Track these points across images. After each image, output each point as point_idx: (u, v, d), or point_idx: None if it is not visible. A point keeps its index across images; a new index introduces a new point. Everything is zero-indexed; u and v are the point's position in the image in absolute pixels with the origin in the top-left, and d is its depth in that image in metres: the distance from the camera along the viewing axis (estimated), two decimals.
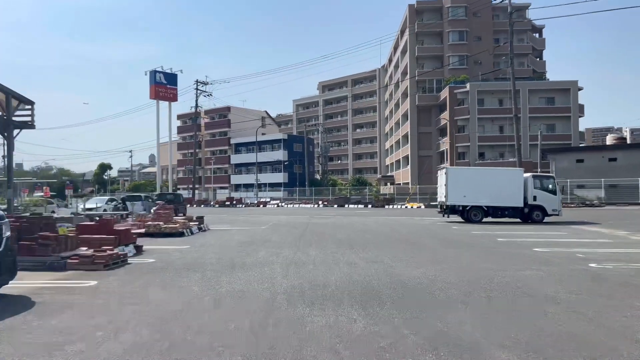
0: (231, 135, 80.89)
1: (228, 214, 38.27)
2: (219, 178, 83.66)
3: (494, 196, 21.75)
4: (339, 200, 46.49)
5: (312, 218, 29.35)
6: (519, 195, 21.62)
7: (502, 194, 21.69)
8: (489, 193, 21.82)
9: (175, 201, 36.46)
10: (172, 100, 62.01)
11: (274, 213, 38.32)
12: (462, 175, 22.59)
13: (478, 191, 21.93)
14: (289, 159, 73.03)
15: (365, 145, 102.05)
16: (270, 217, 31.70)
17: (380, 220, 26.02)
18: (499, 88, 58.73)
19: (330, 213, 36.33)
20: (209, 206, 56.27)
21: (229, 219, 29.20)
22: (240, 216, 33.20)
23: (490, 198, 21.80)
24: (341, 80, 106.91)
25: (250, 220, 26.89)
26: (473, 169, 24.48)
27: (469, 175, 22.50)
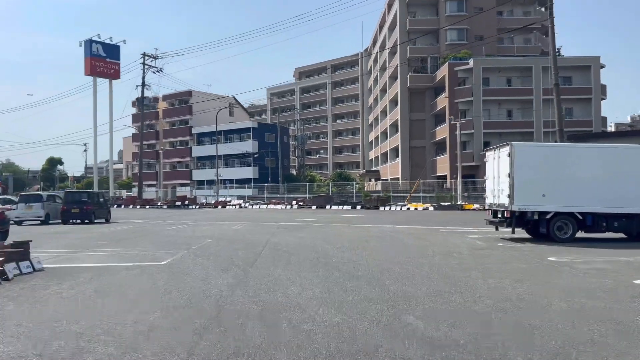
0: (193, 124, 70.25)
1: (165, 219, 28.09)
2: (179, 173, 72.99)
3: (605, 195, 12.17)
4: (319, 199, 36.68)
5: (278, 228, 19.46)
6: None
7: (621, 191, 12.11)
8: (594, 189, 12.22)
9: (90, 202, 26.14)
10: (114, 78, 51.34)
11: (229, 218, 28.29)
12: (542, 157, 12.77)
13: (571, 186, 12.29)
14: (259, 150, 62.84)
15: (346, 138, 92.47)
16: (218, 226, 21.70)
17: (388, 235, 16.24)
18: (508, 65, 49.62)
19: (308, 218, 26.46)
20: (155, 207, 45.85)
21: (145, 231, 19.06)
22: (175, 224, 23.07)
23: (597, 198, 12.17)
24: (319, 66, 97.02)
25: (173, 237, 16.83)
26: (565, 147, 13.39)
27: (557, 158, 12.57)
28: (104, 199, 28.54)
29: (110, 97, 52.08)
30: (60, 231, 19.62)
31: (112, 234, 18.37)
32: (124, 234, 18.28)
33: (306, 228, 19.24)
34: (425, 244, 12.71)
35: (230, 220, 26.15)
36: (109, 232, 19.27)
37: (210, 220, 26.11)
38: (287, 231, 18.01)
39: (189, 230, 19.27)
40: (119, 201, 49.13)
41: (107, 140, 52.52)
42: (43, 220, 26.02)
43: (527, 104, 49.23)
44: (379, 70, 71.32)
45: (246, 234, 16.77)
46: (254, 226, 20.98)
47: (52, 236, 17.26)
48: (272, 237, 15.55)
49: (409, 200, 34.63)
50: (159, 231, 19.18)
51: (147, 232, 19.02)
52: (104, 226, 23.27)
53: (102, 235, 17.30)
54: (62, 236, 17.29)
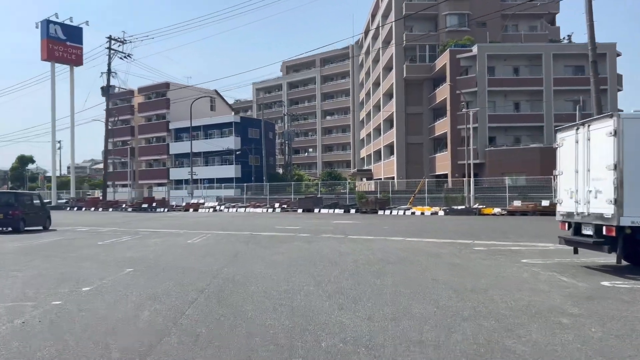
0: (171, 118, 64.82)
1: (118, 225, 22.93)
2: (155, 172, 67.51)
3: None
4: (307, 201, 31.55)
5: (248, 244, 14.43)
6: None
7: None
8: None
9: (18, 206, 20.94)
10: (76, 64, 45.77)
11: (194, 225, 23.19)
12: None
13: None
14: (242, 147, 57.60)
15: (336, 135, 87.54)
16: (172, 238, 16.65)
17: (401, 258, 11.29)
18: (515, 52, 44.98)
19: (290, 225, 21.42)
20: (119, 210, 40.48)
21: (68, 247, 13.92)
22: (120, 235, 17.98)
23: None
24: (308, 59, 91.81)
25: (88, 260, 11.76)
26: None
27: None
28: (41, 201, 23.18)
29: (72, 85, 46.48)
30: None
31: (17, 250, 13.19)
32: (33, 251, 13.10)
33: (285, 243, 14.21)
34: (472, 283, 7.75)
35: (195, 228, 21.03)
36: (19, 247, 14.08)
37: (169, 229, 20.98)
38: (258, 249, 13.00)
39: (127, 246, 14.18)
40: (80, 203, 43.68)
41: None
42: None
43: (536, 95, 44.63)
44: (372, 63, 66.49)
45: (198, 256, 11.72)
46: (218, 239, 15.93)
47: None
48: (232, 262, 10.52)
49: (412, 203, 29.68)
50: (85, 246, 14.09)
51: (68, 248, 13.90)
52: (30, 236, 18.06)
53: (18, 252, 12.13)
54: None
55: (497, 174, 39.47)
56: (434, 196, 31.20)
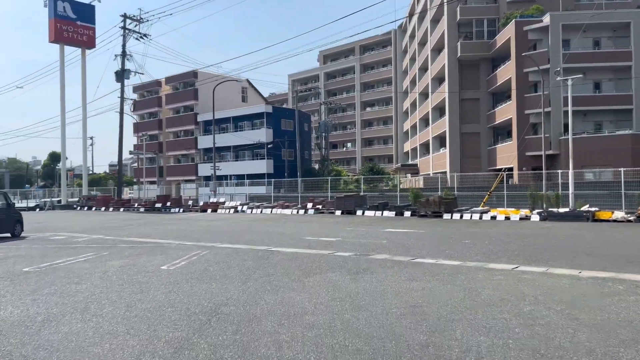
0: (199, 110, 60.13)
1: (116, 230, 17.72)
2: (184, 168, 63.05)
3: None
4: (347, 201, 25.34)
5: (249, 277, 8.61)
6: None
7: None
8: None
9: None
10: (88, 46, 41.34)
11: (201, 233, 17.77)
12: None
13: None
14: (274, 139, 52.18)
15: (377, 128, 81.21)
16: (155, 256, 11.04)
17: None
18: (597, 21, 37.53)
19: (325, 236, 15.65)
20: (131, 210, 35.69)
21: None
22: (92, 249, 12.59)
23: None
24: (347, 47, 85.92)
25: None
26: None
27: None
28: (7, 202, 18.18)
29: (83, 70, 42.03)
30: None
31: None
32: None
33: (313, 276, 8.44)
34: None
35: (196, 238, 15.51)
36: None
37: (164, 238, 15.53)
38: (263, 294, 7.22)
39: (49, 280, 8.68)
40: (90, 202, 39.24)
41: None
42: None
43: (622, 73, 37.19)
44: (418, 46, 59.85)
45: (137, 317, 6.03)
46: (212, 262, 10.30)
47: None
48: (188, 345, 4.72)
49: (485, 203, 23.08)
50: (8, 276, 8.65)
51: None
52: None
53: None
54: None
55: (577, 167, 32.48)
56: (506, 194, 24.54)
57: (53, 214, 35.86)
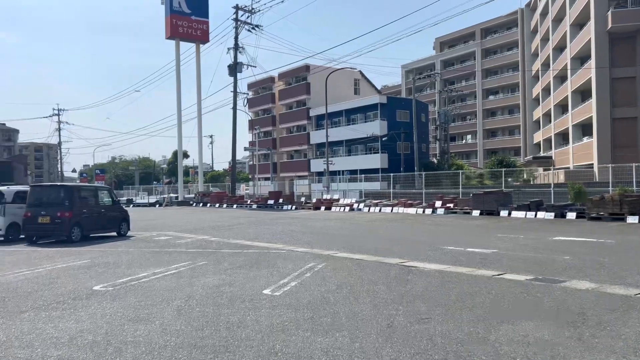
0: (311, 104, 58.70)
1: (215, 230, 15.85)
2: (296, 164, 62.18)
3: None
4: (488, 199, 20.73)
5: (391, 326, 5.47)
6: None
7: None
8: None
9: (69, 206, 14.81)
10: (202, 41, 41.16)
11: (313, 238, 15.24)
12: None
13: None
14: (389, 132, 48.86)
15: (501, 118, 74.15)
16: (252, 270, 8.37)
17: None
18: None
19: (475, 248, 12.17)
20: (243, 207, 34.56)
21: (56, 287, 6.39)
22: (180, 255, 10.41)
23: None
24: (466, 32, 79.81)
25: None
26: None
27: None
28: (113, 199, 17.10)
29: (198, 65, 42.09)
30: None
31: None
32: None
33: (502, 323, 5.14)
34: None
35: (311, 243, 12.95)
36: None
37: (277, 243, 13.14)
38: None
39: (136, 309, 6.32)
40: (205, 199, 39.06)
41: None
42: (4, 235, 15.34)
43: None
44: (551, 23, 52.71)
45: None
46: (338, 281, 7.48)
47: None
48: None
49: None
50: (40, 302, 6.51)
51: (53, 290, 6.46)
52: (51, 253, 11.64)
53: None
54: None
55: None
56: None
57: (169, 210, 36.12)
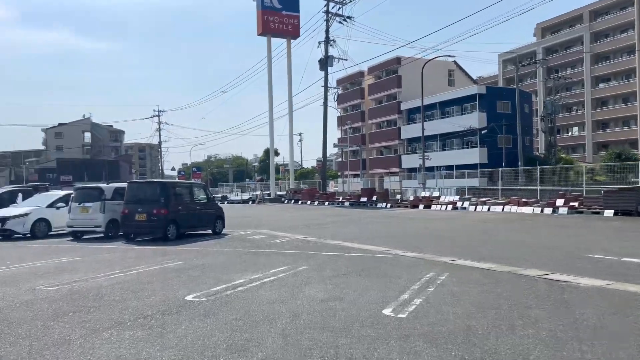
0: (402, 98, 56.53)
1: (318, 229, 14.77)
2: (386, 160, 60.34)
3: None
4: (623, 197, 17.20)
5: None
6: None
7: None
8: None
9: (165, 203, 14.51)
10: (293, 36, 40.60)
11: (426, 239, 13.61)
12: None
13: None
14: (488, 124, 45.58)
15: (614, 108, 67.15)
16: (372, 288, 6.97)
17: None
18: None
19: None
20: (335, 204, 33.42)
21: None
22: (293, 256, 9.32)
23: None
24: (572, 15, 73.34)
25: None
26: None
27: None
28: (208, 195, 16.61)
29: (289, 61, 41.56)
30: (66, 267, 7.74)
31: (89, 291, 5.46)
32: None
33: None
34: None
35: (420, 247, 11.42)
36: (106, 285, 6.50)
37: (380, 246, 11.78)
38: None
39: (233, 331, 5.20)
40: (297, 195, 38.53)
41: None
42: (104, 232, 15.33)
43: None
44: None
45: None
46: (474, 299, 5.89)
47: None
48: None
49: None
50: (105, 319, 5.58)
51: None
52: (167, 252, 11.18)
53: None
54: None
55: None
56: None
57: (261, 207, 36.01)
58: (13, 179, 73.66)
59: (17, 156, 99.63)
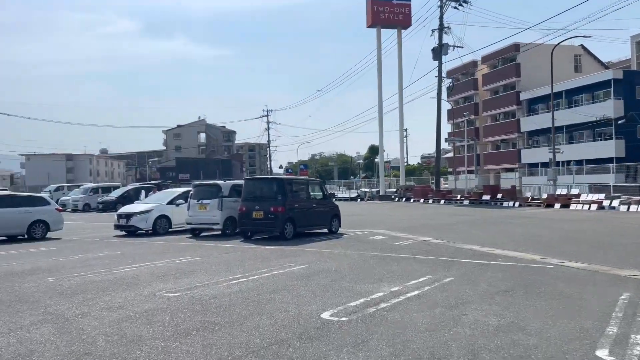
0: (521, 88, 52.06)
1: (423, 231, 13.28)
2: (503, 155, 56.08)
3: None
4: None
5: None
6: None
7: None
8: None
9: (282, 200, 13.90)
10: (404, 26, 38.63)
11: (575, 248, 11.48)
12: None
13: None
14: (626, 113, 40.21)
15: None
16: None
17: None
18: None
19: None
20: (452, 202, 31.02)
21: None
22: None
23: None
24: None
25: None
26: None
27: None
28: (324, 193, 15.66)
29: (399, 53, 39.68)
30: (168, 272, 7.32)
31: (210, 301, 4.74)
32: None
33: None
34: None
35: (587, 255, 9.53)
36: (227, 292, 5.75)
37: (530, 253, 10.02)
38: None
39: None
40: (408, 193, 36.62)
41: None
42: (222, 229, 15.05)
43: None
44: None
45: None
46: None
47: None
48: None
49: None
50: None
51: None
52: (286, 253, 10.42)
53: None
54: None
55: None
56: None
57: (371, 205, 34.76)
58: (138, 177, 79.80)
59: (142, 156, 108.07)
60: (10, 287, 7.52)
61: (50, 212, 15.88)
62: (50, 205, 16.38)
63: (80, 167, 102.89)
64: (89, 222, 23.49)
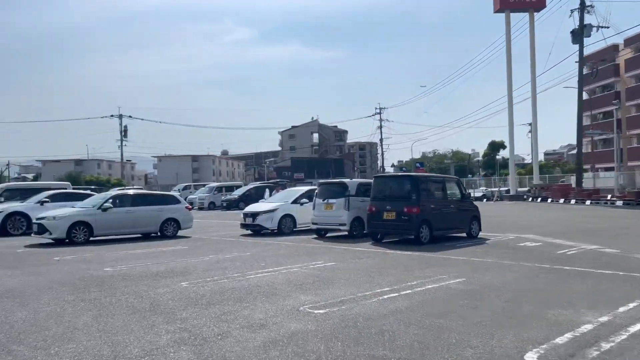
0: None
1: (586, 238, 11.01)
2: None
3: None
4: None
5: None
6: None
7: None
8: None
9: (416, 200, 12.66)
10: (536, 8, 34.83)
11: None
12: None
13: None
14: None
15: None
16: None
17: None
18: None
19: None
20: (600, 203, 27.03)
21: None
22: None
23: None
24: None
25: None
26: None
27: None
28: (462, 192, 13.99)
29: (532, 37, 35.77)
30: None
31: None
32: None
33: None
34: None
35: None
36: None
37: None
38: None
39: None
40: (544, 193, 32.92)
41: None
42: (349, 230, 14.12)
43: None
44: None
45: None
46: None
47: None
48: None
49: None
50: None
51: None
52: (429, 262, 9.18)
53: None
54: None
55: None
56: None
57: (503, 205, 31.86)
58: (257, 177, 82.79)
59: (259, 157, 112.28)
60: (145, 292, 7.04)
61: (181, 211, 16.03)
62: (181, 203, 16.57)
63: (205, 168, 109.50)
64: (214, 219, 23.94)
